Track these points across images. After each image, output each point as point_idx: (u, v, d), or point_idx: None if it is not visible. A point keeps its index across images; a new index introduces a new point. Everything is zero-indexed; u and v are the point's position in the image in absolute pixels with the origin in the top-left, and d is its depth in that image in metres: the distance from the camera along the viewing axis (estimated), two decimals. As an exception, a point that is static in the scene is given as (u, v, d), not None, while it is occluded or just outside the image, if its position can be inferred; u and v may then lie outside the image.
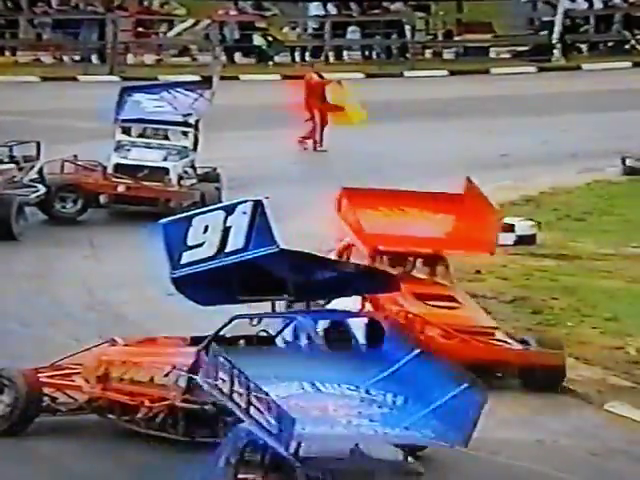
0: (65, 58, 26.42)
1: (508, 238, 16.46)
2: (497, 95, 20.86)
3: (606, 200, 18.68)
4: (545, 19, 27.42)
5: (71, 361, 10.87)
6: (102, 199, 16.77)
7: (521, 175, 19.53)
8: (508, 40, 27.81)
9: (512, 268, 15.57)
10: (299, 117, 19.63)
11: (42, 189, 16.52)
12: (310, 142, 19.98)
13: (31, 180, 16.71)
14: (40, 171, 16.84)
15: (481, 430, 10.86)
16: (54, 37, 26.49)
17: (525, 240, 16.53)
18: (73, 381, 10.72)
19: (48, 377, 10.72)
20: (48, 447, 10.29)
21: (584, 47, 27.60)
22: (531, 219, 17.01)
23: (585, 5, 27.76)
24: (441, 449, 10.41)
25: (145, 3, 27.32)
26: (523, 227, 16.69)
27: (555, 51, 26.96)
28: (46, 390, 10.64)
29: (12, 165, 16.79)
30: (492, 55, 27.56)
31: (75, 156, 17.08)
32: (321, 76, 20.16)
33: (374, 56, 27.14)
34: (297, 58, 26.74)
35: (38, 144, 17.13)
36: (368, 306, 11.39)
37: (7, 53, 26.22)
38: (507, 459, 10.51)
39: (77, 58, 26.38)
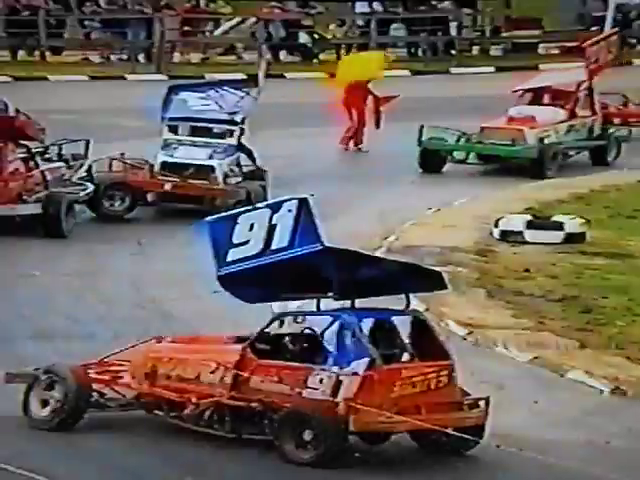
0: (113, 57, 26.64)
1: (557, 236, 16.45)
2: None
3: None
4: (596, 14, 27.22)
5: (119, 358, 10.95)
6: (149, 197, 16.89)
7: (570, 172, 19.45)
8: (557, 36, 27.67)
9: (561, 266, 15.52)
10: (341, 116, 19.68)
11: (91, 187, 16.67)
12: (352, 143, 20.02)
13: (80, 178, 16.89)
14: (89, 169, 17.02)
15: (530, 430, 10.92)
16: (102, 36, 26.71)
17: (575, 238, 16.47)
18: (121, 377, 10.82)
19: (97, 373, 10.83)
20: (97, 442, 10.39)
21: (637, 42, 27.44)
22: (581, 217, 16.94)
23: (638, 0, 27.59)
24: (488, 449, 10.45)
25: (192, 2, 27.46)
26: (573, 225, 16.63)
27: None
28: (95, 386, 10.74)
29: (61, 163, 16.99)
30: (541, 51, 27.43)
31: (123, 154, 17.22)
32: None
33: (420, 53, 27.10)
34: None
35: (87, 142, 17.32)
36: (414, 304, 11.39)
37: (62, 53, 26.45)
38: (556, 459, 10.48)
39: (125, 57, 26.58)
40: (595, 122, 19.50)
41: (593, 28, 27.12)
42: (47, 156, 17.03)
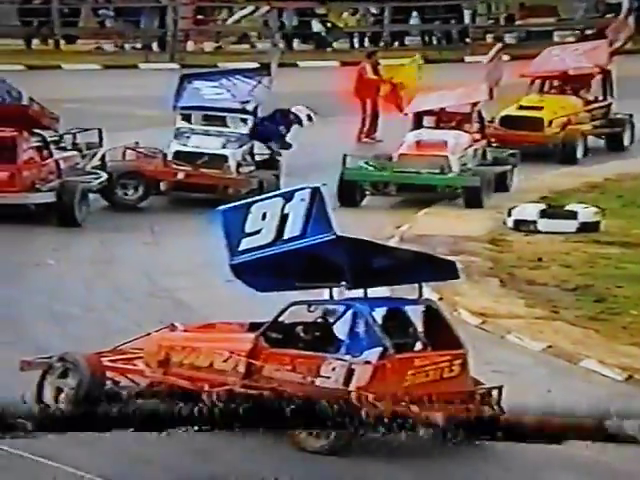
0: (126, 46, 26.65)
1: (571, 225, 16.42)
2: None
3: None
4: (612, 1, 27.14)
5: (133, 346, 11.00)
6: (162, 186, 16.93)
7: (584, 161, 19.41)
8: (573, 23, 27.56)
9: (575, 255, 15.51)
10: (355, 105, 19.67)
11: (104, 176, 16.70)
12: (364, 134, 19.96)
13: (93, 167, 16.93)
14: (102, 158, 17.06)
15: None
16: (116, 25, 26.73)
17: (589, 227, 16.45)
18: (135, 365, 10.87)
19: (111, 361, 10.87)
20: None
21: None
22: (595, 206, 16.90)
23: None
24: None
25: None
26: (586, 214, 16.60)
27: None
28: (109, 374, 10.80)
29: (75, 152, 17.03)
30: (556, 39, 27.32)
31: (136, 143, 17.26)
32: (377, 70, 20.01)
33: (434, 41, 27.06)
34: (356, 44, 26.73)
35: (100, 131, 17.35)
36: (427, 293, 11.41)
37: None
38: (569, 447, 10.51)
39: (138, 46, 26.59)
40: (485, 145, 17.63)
41: (609, 15, 27.03)
42: (61, 145, 17.07)
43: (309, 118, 17.40)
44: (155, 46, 26.28)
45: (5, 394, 10.52)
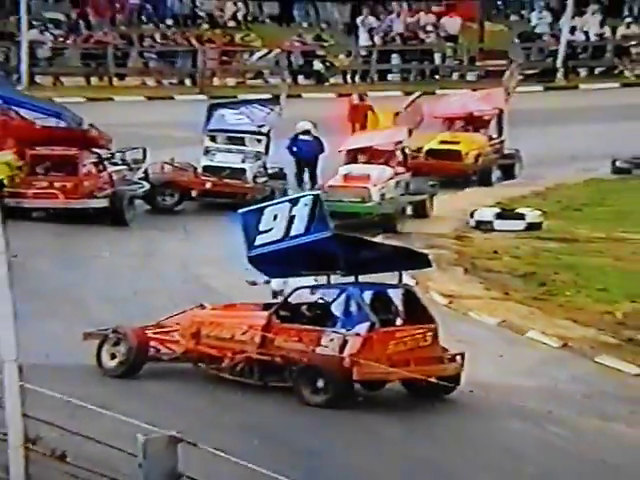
0: (165, 82, 26.56)
1: (520, 225, 16.38)
2: (511, 109, 20.77)
3: (599, 194, 18.48)
4: (551, 48, 27.17)
5: (170, 321, 10.97)
6: (193, 193, 16.88)
7: (531, 174, 19.35)
8: (521, 64, 27.62)
9: (523, 249, 15.47)
10: (346, 129, 19.56)
11: (147, 185, 16.65)
12: None
13: (139, 178, 16.88)
14: (146, 171, 17.01)
15: (497, 378, 10.92)
16: (157, 65, 26.66)
17: (534, 226, 16.41)
18: (172, 337, 10.85)
19: (153, 333, 10.86)
20: (154, 387, 10.44)
21: (582, 71, 27.31)
22: (539, 209, 16.86)
23: (583, 37, 27.52)
24: (463, 394, 10.45)
25: (228, 38, 27.39)
26: (532, 216, 16.56)
27: (558, 74, 26.74)
28: (152, 343, 10.78)
29: (124, 166, 16.99)
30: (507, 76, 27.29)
31: (172, 159, 17.20)
32: (362, 98, 19.89)
33: (411, 78, 27.02)
34: (349, 79, 26.68)
35: (144, 150, 17.32)
36: (405, 279, 11.38)
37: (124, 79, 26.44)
38: (517, 401, 10.49)
39: (174, 81, 26.52)
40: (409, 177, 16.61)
41: (548, 59, 27.08)
42: (113, 161, 17.03)
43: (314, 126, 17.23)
44: (188, 81, 26.21)
45: (70, 359, 10.57)
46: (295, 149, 17.53)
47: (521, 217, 16.50)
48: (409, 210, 16.32)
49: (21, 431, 7.65)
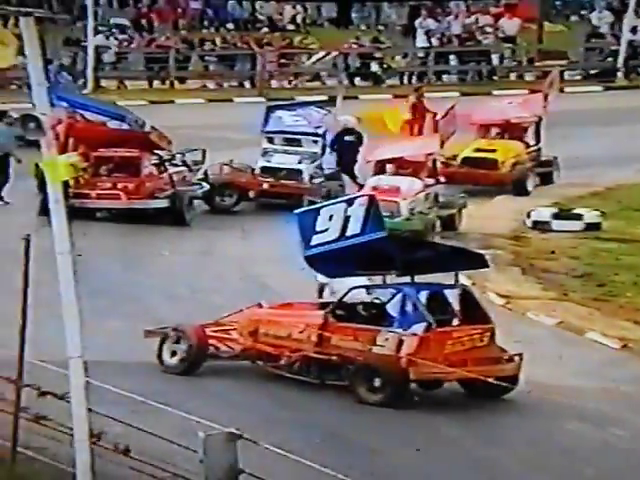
0: (225, 84, 26.77)
1: (578, 225, 16.21)
2: (570, 109, 20.51)
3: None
4: (612, 48, 26.81)
5: (229, 319, 11.04)
6: (251, 194, 16.97)
7: (590, 174, 19.12)
8: (579, 65, 27.30)
9: (581, 249, 15.31)
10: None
11: (206, 186, 16.76)
12: None
13: (198, 179, 17.02)
14: (205, 172, 17.13)
15: (555, 379, 10.83)
16: (217, 68, 26.87)
17: (592, 227, 16.19)
18: (231, 335, 10.91)
19: (212, 331, 10.92)
20: (214, 384, 10.50)
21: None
22: (597, 209, 16.65)
23: (645, 37, 27.27)
24: (521, 395, 10.37)
25: (287, 40, 27.51)
26: (591, 216, 16.36)
27: (619, 74, 26.37)
28: (211, 341, 10.85)
29: (184, 168, 17.16)
30: (566, 77, 27.05)
31: (231, 160, 17.30)
32: (421, 101, 19.64)
33: (468, 79, 26.88)
34: (405, 81, 26.63)
35: (204, 151, 17.46)
36: (462, 280, 11.32)
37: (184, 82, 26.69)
38: (577, 402, 10.39)
39: (234, 84, 26.71)
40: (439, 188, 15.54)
41: (609, 59, 26.71)
42: (174, 162, 17.20)
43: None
44: (247, 84, 26.36)
45: (132, 356, 10.70)
46: (337, 147, 17.16)
47: (579, 217, 16.33)
48: (438, 225, 15.23)
49: (86, 426, 7.76)
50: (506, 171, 17.27)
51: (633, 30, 26.60)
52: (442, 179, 15.96)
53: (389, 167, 15.48)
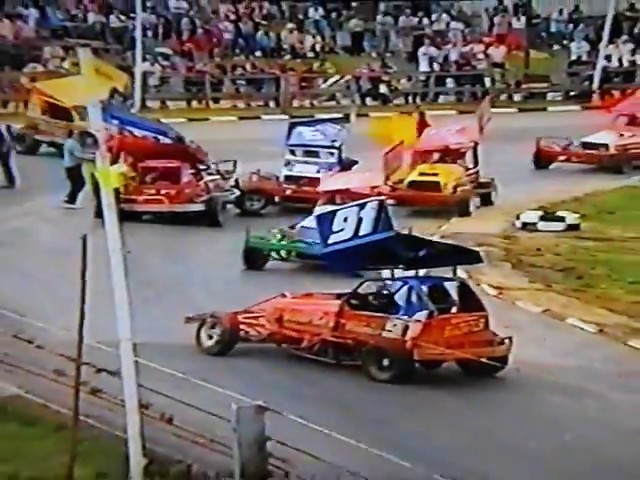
0: (253, 104, 26.83)
1: (560, 226, 16.17)
2: (552, 126, 20.46)
3: (630, 200, 18.10)
4: (588, 73, 26.81)
5: (257, 308, 11.06)
6: (276, 199, 17.00)
7: (571, 181, 19.03)
8: (560, 88, 27.30)
9: (563, 247, 15.24)
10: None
11: (237, 192, 16.82)
12: None
13: (231, 186, 17.05)
14: (236, 180, 17.16)
15: (540, 358, 10.82)
16: (247, 90, 26.96)
17: (572, 227, 16.12)
18: (259, 321, 10.93)
19: (243, 318, 10.94)
20: (245, 364, 10.52)
21: (616, 93, 26.84)
22: (577, 212, 16.59)
23: (617, 64, 27.01)
24: (511, 372, 10.35)
25: (307, 66, 27.57)
26: (571, 218, 16.31)
27: (594, 95, 26.37)
28: (242, 327, 10.87)
29: (218, 176, 17.21)
30: (549, 98, 27.08)
31: (258, 170, 17.33)
32: (423, 118, 19.45)
33: (464, 99, 26.85)
34: (410, 100, 26.63)
35: (235, 162, 17.49)
36: (459, 273, 11.30)
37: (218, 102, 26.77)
38: (558, 378, 10.39)
39: (260, 104, 26.78)
40: None
41: (586, 82, 26.70)
42: (209, 171, 17.25)
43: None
44: (272, 104, 26.41)
45: (174, 339, 10.74)
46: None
47: (561, 219, 16.30)
48: None
49: (135, 398, 7.81)
50: (448, 193, 16.54)
51: (607, 58, 26.58)
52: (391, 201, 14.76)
53: (338, 197, 14.50)
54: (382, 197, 10.53)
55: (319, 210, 13.84)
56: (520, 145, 20.10)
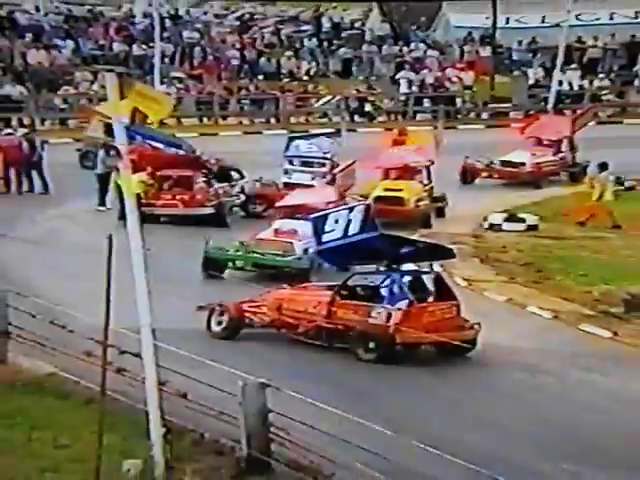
0: (256, 120, 26.85)
1: (521, 226, 16.23)
2: (513, 141, 20.51)
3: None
4: (544, 95, 27.12)
5: (260, 298, 11.10)
6: (276, 203, 17.01)
7: (531, 187, 19.03)
8: (521, 107, 27.57)
9: (524, 245, 15.29)
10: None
11: (242, 197, 16.84)
12: None
13: (237, 192, 17.06)
14: (242, 187, 17.20)
15: (504, 341, 10.88)
16: (250, 109, 27.02)
17: (532, 228, 16.15)
18: (261, 309, 10.96)
19: (248, 307, 10.98)
20: (250, 346, 10.54)
21: (568, 113, 27.03)
22: (536, 214, 16.62)
23: (568, 87, 27.26)
24: (478, 353, 10.39)
25: (303, 88, 27.65)
26: (531, 219, 16.38)
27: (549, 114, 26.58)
28: (247, 314, 10.90)
29: (227, 183, 17.23)
30: (512, 116, 27.26)
31: (261, 178, 17.36)
32: (404, 133, 19.43)
33: (439, 116, 27.02)
34: (392, 118, 26.78)
35: (239, 171, 17.52)
36: (435, 267, 11.32)
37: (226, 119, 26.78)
38: (520, 358, 10.47)
39: (262, 120, 26.81)
40: None
41: (542, 103, 26.98)
42: (217, 179, 17.27)
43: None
44: (273, 120, 26.47)
45: (187, 325, 10.75)
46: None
47: (523, 220, 16.35)
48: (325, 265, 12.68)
49: (155, 376, 7.83)
50: (412, 207, 16.17)
51: (560, 82, 26.99)
52: None
53: (296, 213, 13.79)
54: (369, 202, 10.49)
55: (277, 224, 13.58)
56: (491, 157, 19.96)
